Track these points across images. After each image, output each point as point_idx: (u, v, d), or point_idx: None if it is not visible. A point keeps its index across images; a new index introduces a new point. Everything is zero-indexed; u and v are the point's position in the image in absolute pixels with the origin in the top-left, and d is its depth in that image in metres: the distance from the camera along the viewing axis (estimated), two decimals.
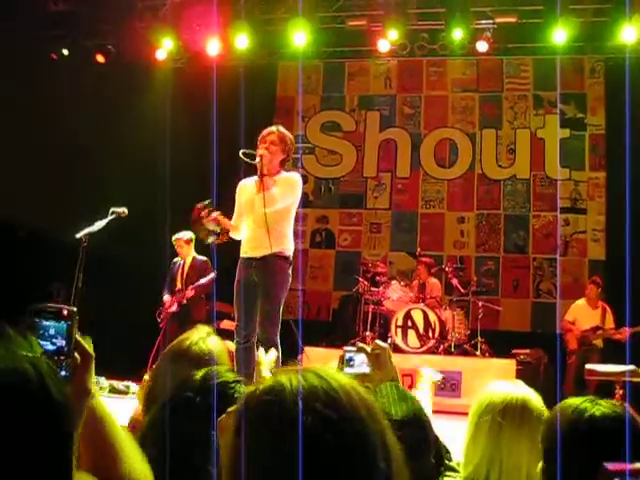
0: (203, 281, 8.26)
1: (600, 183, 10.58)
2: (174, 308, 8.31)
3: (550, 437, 1.69)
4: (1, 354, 0.88)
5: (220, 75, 8.83)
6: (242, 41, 10.21)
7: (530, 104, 11.02)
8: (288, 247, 5.46)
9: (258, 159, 5.30)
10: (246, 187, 5.58)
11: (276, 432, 1.03)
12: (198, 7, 10.02)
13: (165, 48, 10.55)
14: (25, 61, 9.42)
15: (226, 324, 9.02)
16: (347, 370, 2.23)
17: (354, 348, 2.31)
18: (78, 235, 6.72)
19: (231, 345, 5.12)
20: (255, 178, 5.49)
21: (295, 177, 5.63)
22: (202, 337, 2.33)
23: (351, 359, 2.27)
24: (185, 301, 8.30)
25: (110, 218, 7.06)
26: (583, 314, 8.97)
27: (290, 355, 5.23)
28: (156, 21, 10.36)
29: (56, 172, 9.37)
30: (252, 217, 5.44)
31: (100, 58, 10.74)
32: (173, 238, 8.44)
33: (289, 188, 5.46)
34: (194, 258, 8.45)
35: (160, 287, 8.57)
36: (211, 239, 5.48)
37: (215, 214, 5.37)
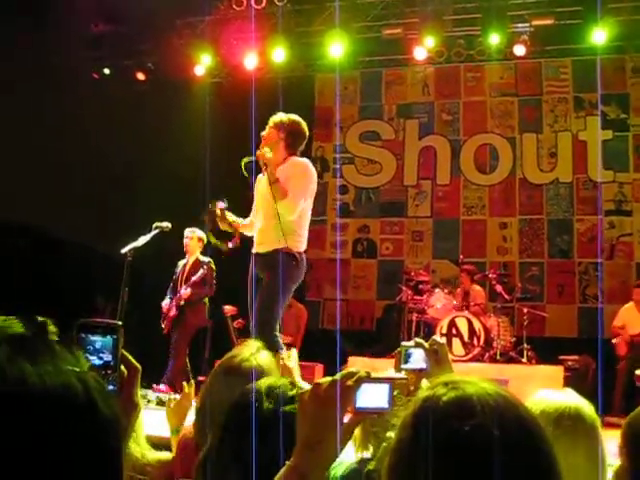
0: (194, 278, 7.99)
1: None
2: (173, 312, 8.09)
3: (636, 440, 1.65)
4: (48, 369, 0.89)
5: (258, 88, 8.88)
6: (279, 54, 10.31)
7: (570, 106, 10.88)
8: (296, 243, 5.13)
9: (250, 162, 5.08)
10: (260, 181, 5.35)
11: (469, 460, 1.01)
12: (235, 22, 10.15)
13: (203, 64, 10.70)
14: (69, 81, 9.63)
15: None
16: (404, 366, 2.20)
17: (412, 343, 2.29)
18: (123, 250, 6.82)
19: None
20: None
21: (298, 163, 5.22)
22: (252, 353, 2.32)
23: (409, 355, 2.25)
24: (182, 303, 8.08)
25: (154, 233, 7.17)
26: (632, 318, 8.78)
27: (332, 366, 5.12)
28: (194, 37, 10.52)
29: (100, 188, 9.53)
30: (263, 211, 5.21)
31: (140, 76, 10.95)
32: (186, 230, 8.25)
33: (294, 176, 5.11)
34: (197, 259, 8.24)
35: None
36: (225, 245, 5.27)
37: (229, 215, 5.22)
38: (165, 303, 8.21)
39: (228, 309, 8.98)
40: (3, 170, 8.18)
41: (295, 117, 5.32)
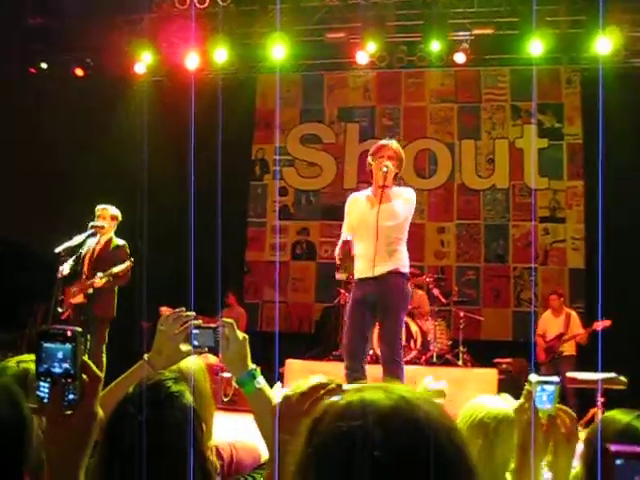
0: (117, 269, 6.89)
1: (578, 192, 10.66)
2: (79, 299, 6.95)
3: (594, 453, 1.67)
4: None
5: (199, 89, 8.83)
6: (221, 55, 10.22)
7: (508, 114, 11.10)
8: (404, 263, 5.30)
9: (385, 169, 5.08)
10: (358, 201, 5.39)
11: (345, 463, 0.98)
12: (177, 21, 10.03)
13: (144, 62, 10.52)
14: (3, 75, 9.39)
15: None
16: (194, 346, 2.23)
17: (202, 323, 2.32)
18: (57, 250, 6.67)
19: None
20: (367, 193, 5.35)
21: (411, 192, 5.41)
22: None
23: (195, 334, 2.27)
24: (91, 290, 6.92)
25: (89, 232, 7.03)
26: (549, 324, 9.19)
27: (269, 369, 5.05)
28: (135, 35, 10.35)
29: (35, 185, 9.31)
30: (366, 233, 5.18)
31: (79, 72, 10.73)
32: (99, 207, 7.22)
33: (407, 202, 5.28)
34: (110, 239, 7.21)
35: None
36: (344, 275, 5.35)
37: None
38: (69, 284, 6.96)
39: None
40: None
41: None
